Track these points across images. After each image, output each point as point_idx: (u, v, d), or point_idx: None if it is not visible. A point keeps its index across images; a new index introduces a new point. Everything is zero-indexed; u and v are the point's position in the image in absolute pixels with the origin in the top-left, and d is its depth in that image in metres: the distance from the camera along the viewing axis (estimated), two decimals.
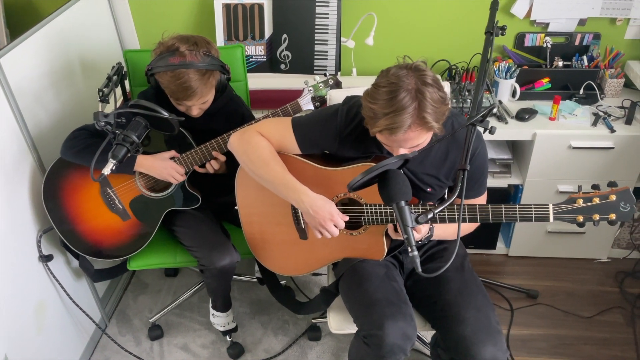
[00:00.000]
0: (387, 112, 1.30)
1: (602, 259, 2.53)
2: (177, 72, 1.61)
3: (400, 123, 1.28)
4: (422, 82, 1.31)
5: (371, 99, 1.34)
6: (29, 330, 1.80)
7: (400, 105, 1.28)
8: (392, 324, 1.44)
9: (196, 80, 1.63)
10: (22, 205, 1.76)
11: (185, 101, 1.68)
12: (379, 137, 1.39)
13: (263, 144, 1.57)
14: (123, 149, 1.55)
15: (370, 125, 1.36)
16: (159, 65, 1.64)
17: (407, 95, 1.28)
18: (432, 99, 1.30)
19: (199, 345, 2.22)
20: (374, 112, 1.32)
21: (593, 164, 2.21)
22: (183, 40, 1.66)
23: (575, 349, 2.14)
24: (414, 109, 1.28)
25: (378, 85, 1.34)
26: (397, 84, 1.30)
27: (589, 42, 2.35)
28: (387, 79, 1.33)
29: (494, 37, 1.62)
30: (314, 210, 1.49)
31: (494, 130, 1.40)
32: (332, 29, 2.30)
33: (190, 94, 1.64)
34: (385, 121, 1.30)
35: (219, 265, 1.75)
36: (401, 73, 1.32)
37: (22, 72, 1.76)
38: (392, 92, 1.29)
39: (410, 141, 1.34)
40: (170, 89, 1.66)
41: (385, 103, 1.30)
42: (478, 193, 1.60)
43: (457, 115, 1.58)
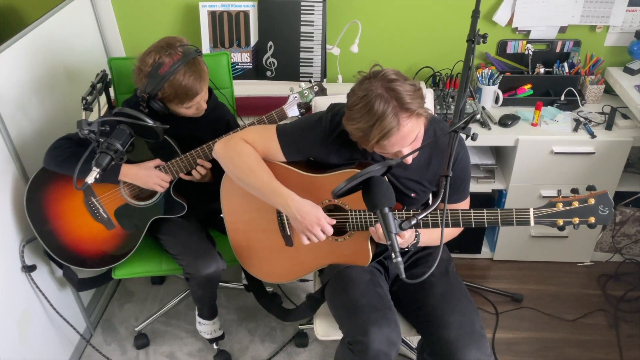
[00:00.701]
0: (372, 123, 1.32)
1: (585, 262, 2.57)
2: (190, 64, 1.65)
3: (389, 125, 1.30)
4: (388, 81, 1.33)
5: (353, 121, 1.36)
6: (12, 341, 1.78)
7: (381, 111, 1.30)
8: (377, 330, 1.44)
9: (203, 64, 1.70)
10: (4, 215, 1.74)
11: (199, 93, 1.70)
12: (380, 149, 1.40)
13: (248, 151, 1.58)
14: (107, 157, 1.54)
15: (365, 143, 1.38)
16: (165, 73, 1.62)
17: (381, 100, 1.31)
18: (404, 90, 1.32)
19: (185, 354, 2.20)
20: (361, 130, 1.34)
21: (574, 169, 2.24)
22: (160, 50, 1.66)
23: (559, 352, 2.17)
24: (393, 107, 1.30)
25: (351, 107, 1.37)
26: (367, 96, 1.32)
27: (569, 49, 2.39)
28: (355, 96, 1.36)
29: (475, 44, 1.65)
30: (301, 215, 1.49)
31: (475, 136, 1.42)
32: (317, 37, 2.32)
33: (204, 77, 1.69)
34: (376, 131, 1.31)
35: (204, 273, 1.75)
36: (364, 85, 1.35)
37: (4, 79, 1.74)
38: (366, 105, 1.32)
39: (408, 136, 1.35)
40: (186, 87, 1.65)
41: (366, 117, 1.32)
42: (461, 198, 1.62)
43: (439, 121, 1.60)
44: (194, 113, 1.79)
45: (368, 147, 1.38)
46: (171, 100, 1.70)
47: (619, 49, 2.40)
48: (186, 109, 1.76)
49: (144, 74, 1.66)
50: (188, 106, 1.74)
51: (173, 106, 1.74)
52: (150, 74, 1.65)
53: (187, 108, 1.75)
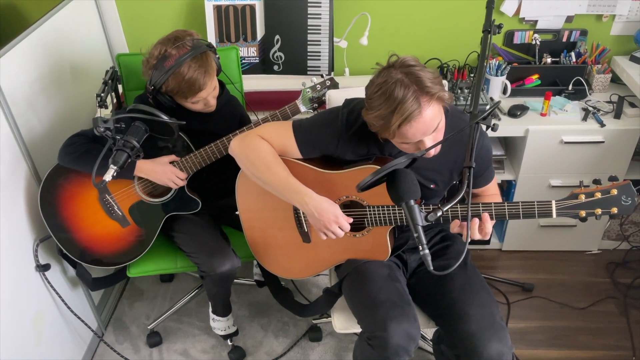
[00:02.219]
0: (393, 109, 1.30)
1: (593, 250, 2.58)
2: (197, 58, 1.62)
3: (410, 109, 1.28)
4: (407, 66, 1.32)
5: (372, 110, 1.35)
6: (27, 342, 1.76)
7: (401, 95, 1.29)
8: (396, 325, 1.44)
9: (212, 59, 1.66)
10: (18, 215, 1.73)
11: (205, 88, 1.66)
12: (401, 139, 1.37)
13: (265, 147, 1.56)
14: (124, 154, 1.52)
15: (385, 132, 1.36)
16: (170, 67, 1.59)
17: (401, 84, 1.29)
18: (424, 75, 1.31)
19: (199, 351, 2.20)
20: (381, 117, 1.33)
21: (584, 158, 2.25)
22: (167, 42, 1.64)
23: (572, 340, 2.19)
24: (414, 91, 1.29)
25: (370, 96, 1.36)
26: (386, 82, 1.31)
27: (576, 38, 2.39)
28: (374, 85, 1.35)
29: (491, 35, 1.65)
30: (319, 212, 1.49)
31: (496, 127, 1.42)
32: (324, 30, 2.30)
33: (209, 74, 1.64)
34: (396, 116, 1.29)
35: (220, 271, 1.74)
36: (383, 74, 1.34)
37: (13, 78, 1.72)
38: (386, 91, 1.30)
39: (430, 123, 1.33)
40: (189, 81, 1.61)
41: (387, 103, 1.31)
42: (488, 179, 1.63)
43: (458, 111, 1.60)
44: (202, 109, 1.76)
45: (389, 135, 1.36)
46: (175, 93, 1.67)
47: (625, 37, 2.40)
48: (193, 104, 1.72)
49: (150, 65, 1.65)
50: (194, 101, 1.70)
51: (179, 100, 1.71)
52: (155, 66, 1.63)
53: (194, 103, 1.72)
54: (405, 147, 1.42)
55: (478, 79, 1.54)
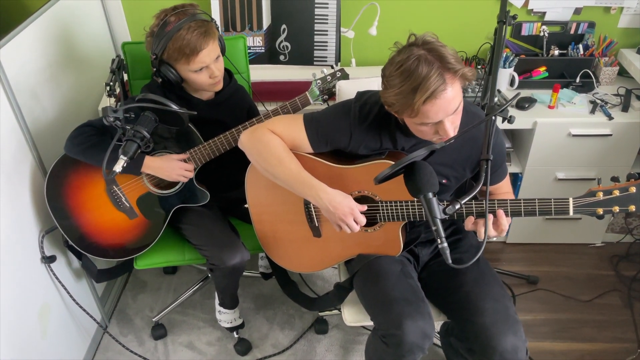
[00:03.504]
0: (416, 85, 1.26)
1: (597, 243, 2.59)
2: (198, 21, 1.60)
3: (435, 84, 1.24)
4: (428, 43, 1.29)
5: (393, 88, 1.30)
6: (34, 336, 1.73)
7: (425, 72, 1.25)
8: (411, 323, 1.43)
9: (213, 27, 1.64)
10: (23, 206, 1.69)
11: (206, 48, 1.61)
12: (421, 119, 1.31)
13: (276, 142, 1.53)
14: (134, 145, 1.49)
15: (408, 111, 1.30)
16: (170, 30, 1.57)
17: (424, 61, 1.26)
18: (446, 51, 1.28)
19: (204, 343, 2.18)
20: (403, 95, 1.28)
21: (591, 151, 2.25)
22: (167, 10, 1.63)
23: (577, 332, 2.19)
24: (438, 67, 1.26)
25: (391, 74, 1.31)
26: (409, 59, 1.27)
27: (583, 30, 2.38)
28: (394, 63, 1.30)
29: (507, 25, 1.63)
30: (334, 206, 1.47)
31: (513, 119, 1.41)
32: (331, 19, 2.27)
33: (210, 37, 1.61)
34: (421, 93, 1.25)
35: (230, 264, 1.72)
36: (404, 51, 1.30)
37: (18, 66, 1.68)
38: (409, 68, 1.27)
39: (452, 102, 1.30)
40: (190, 41, 1.58)
41: (409, 80, 1.27)
42: (502, 176, 1.61)
43: (470, 104, 1.58)
44: (209, 83, 1.70)
45: (411, 113, 1.30)
46: (177, 59, 1.62)
47: (633, 30, 2.39)
48: (197, 74, 1.66)
49: (151, 32, 1.64)
50: (197, 69, 1.64)
51: (182, 69, 1.65)
52: (156, 33, 1.61)
53: (198, 73, 1.66)
54: (424, 130, 1.37)
55: (494, 71, 1.51)
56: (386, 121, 1.50)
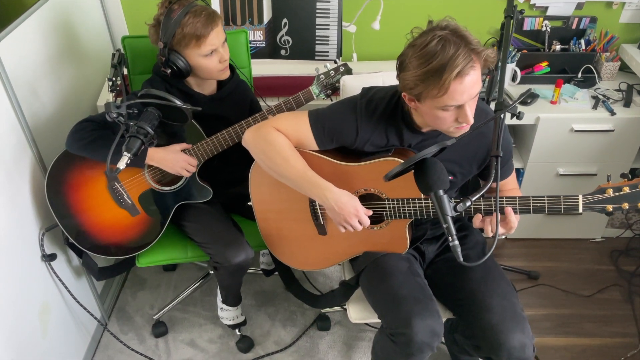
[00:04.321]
0: (445, 61, 1.22)
1: (597, 238, 2.60)
2: (201, 6, 1.61)
3: (465, 61, 1.23)
4: (449, 26, 1.28)
5: (418, 67, 1.26)
6: (34, 334, 1.71)
7: (453, 50, 1.23)
8: (420, 321, 1.42)
9: (210, 7, 1.65)
10: (23, 203, 1.66)
11: (216, 28, 1.62)
12: (444, 105, 1.28)
13: (281, 140, 1.50)
14: (137, 141, 1.47)
15: (435, 91, 1.26)
16: (176, 17, 1.57)
17: (451, 42, 1.24)
18: (467, 32, 1.27)
19: (206, 341, 2.16)
20: (431, 73, 1.24)
21: (593, 147, 2.25)
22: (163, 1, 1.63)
23: (578, 327, 2.20)
24: (464, 46, 1.24)
25: (413, 56, 1.27)
26: (433, 39, 1.25)
27: (585, 25, 2.37)
28: (417, 46, 1.27)
29: (514, 21, 1.62)
30: (339, 206, 1.45)
31: (522, 115, 1.40)
32: (333, 13, 2.25)
33: (216, 18, 1.62)
34: (450, 70, 1.22)
35: (235, 262, 1.70)
36: (425, 35, 1.28)
37: (17, 60, 1.64)
38: (435, 47, 1.24)
39: (477, 83, 1.28)
40: (198, 26, 1.58)
41: (438, 57, 1.23)
42: (509, 172, 1.60)
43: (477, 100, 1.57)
44: (219, 69, 1.69)
45: (438, 93, 1.26)
46: (187, 43, 1.61)
47: (634, 25, 2.39)
48: (207, 59, 1.65)
49: (157, 22, 1.62)
50: (207, 52, 1.63)
51: (192, 55, 1.64)
52: (163, 21, 1.59)
53: (208, 57, 1.65)
54: (444, 117, 1.33)
55: (502, 66, 1.51)
56: (393, 117, 1.49)
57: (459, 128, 1.36)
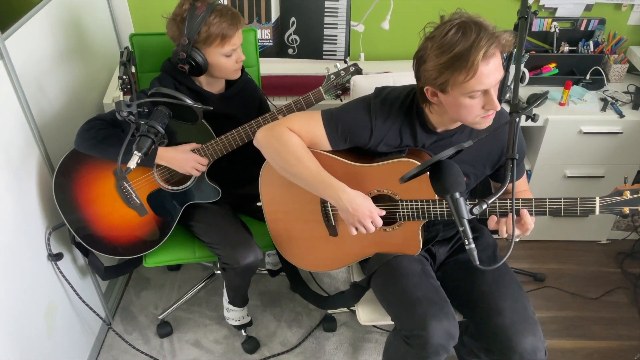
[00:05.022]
0: (470, 44, 1.22)
1: (602, 240, 2.59)
2: (223, 5, 1.62)
3: (489, 42, 1.22)
4: (466, 15, 1.28)
5: (442, 54, 1.25)
6: (39, 335, 1.69)
7: (475, 33, 1.23)
8: (437, 324, 1.41)
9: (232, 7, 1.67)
10: (30, 202, 1.64)
11: (239, 29, 1.64)
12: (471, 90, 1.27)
13: (294, 140, 1.48)
14: (148, 140, 1.45)
15: (463, 75, 1.24)
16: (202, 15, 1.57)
17: (471, 28, 1.24)
18: (481, 18, 1.27)
19: (211, 341, 2.15)
20: (456, 58, 1.23)
21: (601, 149, 2.24)
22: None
23: (585, 330, 2.19)
24: (484, 31, 1.23)
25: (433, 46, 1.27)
26: (451, 27, 1.25)
27: (594, 27, 2.36)
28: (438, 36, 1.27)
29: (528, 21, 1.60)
30: (353, 207, 1.43)
31: (537, 117, 1.39)
32: (342, 12, 2.23)
33: (241, 19, 1.64)
34: (477, 51, 1.21)
35: (244, 263, 1.68)
36: (442, 26, 1.28)
37: (24, 57, 1.62)
38: (456, 34, 1.24)
39: (500, 68, 1.29)
40: (224, 25, 1.59)
41: (461, 42, 1.23)
42: (520, 175, 1.60)
43: None
44: (235, 68, 1.70)
45: (466, 77, 1.24)
46: (212, 42, 1.61)
47: None
48: (226, 58, 1.66)
49: (181, 17, 1.60)
50: (228, 52, 1.65)
51: (213, 53, 1.64)
52: (188, 16, 1.58)
53: (227, 56, 1.66)
54: (471, 105, 1.31)
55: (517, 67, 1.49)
56: (407, 117, 1.48)
57: (484, 118, 1.34)
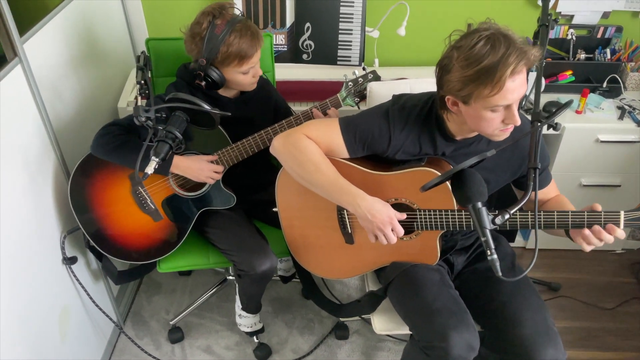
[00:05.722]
0: (498, 59, 1.20)
1: (617, 250, 2.56)
2: (244, 22, 1.60)
3: (518, 58, 1.20)
4: (492, 26, 1.26)
5: (468, 66, 1.23)
6: (53, 340, 1.68)
7: (504, 47, 1.20)
8: (457, 335, 1.38)
9: (252, 23, 1.64)
10: (46, 206, 1.64)
11: (258, 49, 1.63)
12: (494, 105, 1.25)
13: (312, 148, 1.47)
14: (165, 146, 1.44)
15: (488, 90, 1.23)
16: (221, 35, 1.56)
17: (498, 39, 1.22)
18: (512, 31, 1.25)
19: (223, 347, 2.14)
20: (483, 71, 1.21)
21: (617, 158, 2.22)
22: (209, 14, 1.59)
23: (600, 341, 2.17)
24: (513, 46, 1.21)
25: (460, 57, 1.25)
26: (480, 39, 1.22)
27: (611, 35, 2.34)
28: (465, 46, 1.25)
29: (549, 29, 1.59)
30: (372, 214, 1.42)
31: (559, 127, 1.37)
32: (357, 18, 2.22)
33: (260, 37, 1.63)
34: (505, 67, 1.20)
35: (260, 270, 1.67)
36: (469, 36, 1.25)
37: (41, 62, 1.62)
38: (484, 46, 1.22)
39: (524, 84, 1.27)
40: (243, 47, 1.58)
41: (489, 56, 1.21)
42: (548, 180, 1.58)
43: None
44: (251, 82, 1.70)
45: (491, 92, 1.23)
46: (230, 62, 1.60)
47: None
48: (244, 75, 1.65)
49: (200, 37, 1.58)
50: (246, 70, 1.64)
51: (230, 72, 1.63)
52: (207, 36, 1.57)
53: (245, 73, 1.65)
54: (492, 118, 1.29)
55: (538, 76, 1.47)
56: (426, 125, 1.46)
57: (503, 131, 1.33)
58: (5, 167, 1.42)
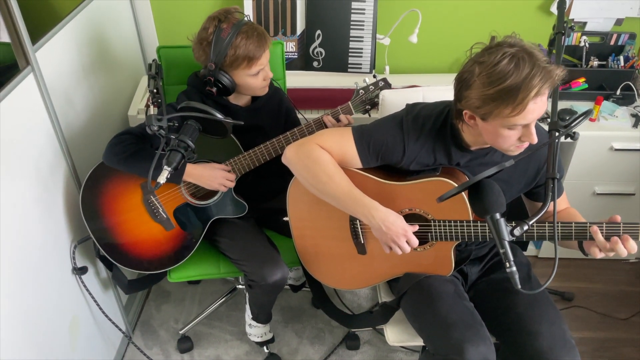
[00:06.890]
0: (520, 80, 1.18)
1: (631, 259, 2.53)
2: (250, 24, 1.58)
3: (542, 80, 1.18)
4: (517, 43, 1.23)
5: (490, 85, 1.21)
6: (64, 350, 1.67)
7: (529, 68, 1.18)
8: (473, 349, 1.36)
9: (258, 25, 1.63)
10: (57, 215, 1.63)
11: (265, 50, 1.61)
12: (512, 124, 1.24)
13: (325, 157, 1.45)
14: (178, 155, 1.43)
15: (508, 111, 1.21)
16: (228, 38, 1.55)
17: (523, 59, 1.19)
18: (536, 49, 1.22)
19: (232, 357, 2.11)
20: (505, 91, 1.19)
21: (631, 166, 2.19)
22: (215, 18, 1.58)
23: (617, 352, 2.13)
24: (538, 66, 1.19)
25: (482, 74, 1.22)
26: (504, 57, 1.20)
27: (624, 42, 2.32)
28: (488, 63, 1.22)
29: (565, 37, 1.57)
30: (387, 226, 1.40)
31: (577, 136, 1.35)
32: (367, 25, 2.21)
33: (267, 38, 1.61)
34: (528, 90, 1.17)
35: (271, 280, 1.65)
36: (493, 52, 1.22)
37: (53, 70, 1.61)
38: (508, 65, 1.19)
39: (545, 104, 1.25)
40: (250, 48, 1.57)
41: (512, 76, 1.18)
42: (559, 193, 1.56)
43: None
44: (262, 85, 1.68)
45: (511, 113, 1.21)
46: (239, 64, 1.59)
47: None
48: (254, 78, 1.64)
49: (207, 42, 1.57)
50: (255, 72, 1.62)
51: (240, 75, 1.62)
52: (214, 40, 1.56)
53: (255, 76, 1.63)
54: (509, 136, 1.28)
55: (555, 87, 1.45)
56: (441, 135, 1.44)
57: (518, 147, 1.32)
58: (17, 176, 1.41)
